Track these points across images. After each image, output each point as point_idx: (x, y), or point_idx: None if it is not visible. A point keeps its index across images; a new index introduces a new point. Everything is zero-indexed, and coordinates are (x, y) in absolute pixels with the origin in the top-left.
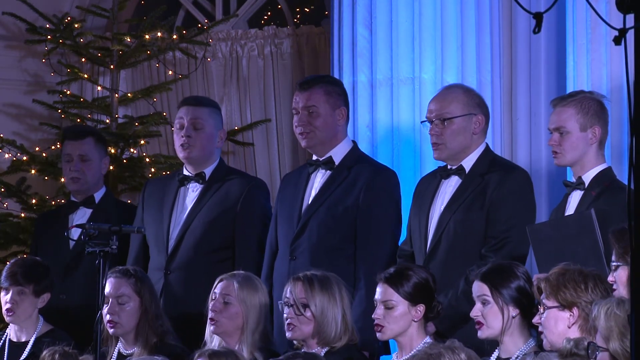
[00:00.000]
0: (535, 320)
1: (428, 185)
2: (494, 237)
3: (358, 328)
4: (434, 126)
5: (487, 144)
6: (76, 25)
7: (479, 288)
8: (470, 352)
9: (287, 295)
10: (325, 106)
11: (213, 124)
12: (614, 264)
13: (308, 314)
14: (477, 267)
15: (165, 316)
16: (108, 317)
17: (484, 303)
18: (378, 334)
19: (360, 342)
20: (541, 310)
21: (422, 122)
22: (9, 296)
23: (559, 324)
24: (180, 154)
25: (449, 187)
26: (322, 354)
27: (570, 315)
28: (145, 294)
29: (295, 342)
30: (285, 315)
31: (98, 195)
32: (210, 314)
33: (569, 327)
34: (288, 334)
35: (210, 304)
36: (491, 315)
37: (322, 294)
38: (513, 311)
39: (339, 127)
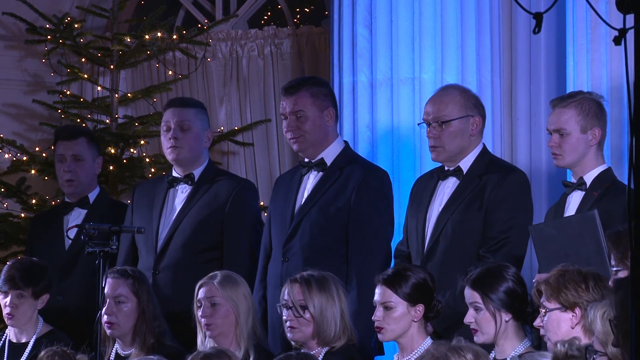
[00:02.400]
0: (536, 323)
1: (425, 186)
2: (492, 238)
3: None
4: (432, 129)
5: (484, 145)
6: (76, 25)
7: (471, 295)
8: (477, 350)
9: (285, 297)
10: (313, 109)
11: (200, 124)
12: (614, 269)
13: (307, 315)
14: (476, 268)
15: (163, 317)
16: (105, 317)
17: (477, 310)
18: (379, 336)
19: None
20: (542, 313)
21: (419, 124)
22: (8, 300)
23: (562, 326)
24: (169, 156)
25: (447, 188)
26: (322, 354)
27: (573, 315)
28: (143, 294)
29: (293, 343)
30: (284, 317)
31: (92, 196)
32: (202, 321)
33: (572, 328)
34: (289, 336)
35: (199, 312)
36: (484, 321)
37: (320, 295)
38: (505, 316)
39: (329, 128)
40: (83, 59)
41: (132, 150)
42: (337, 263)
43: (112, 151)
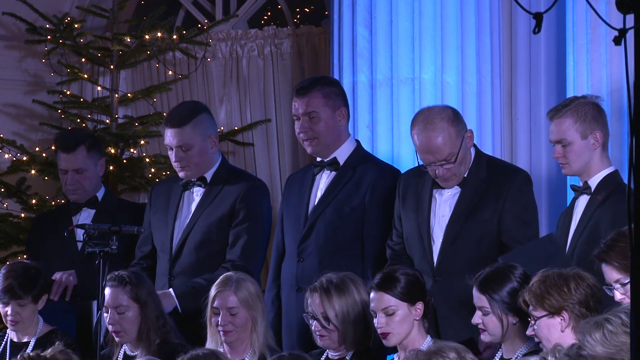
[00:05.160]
0: (528, 332)
1: (417, 187)
2: (518, 242)
3: None
4: (439, 168)
5: (476, 147)
6: (76, 26)
7: (478, 299)
8: (457, 347)
9: (309, 308)
10: (325, 109)
11: (200, 138)
12: (625, 281)
13: (331, 325)
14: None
15: (167, 314)
16: (110, 327)
17: (484, 313)
18: (384, 342)
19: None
20: (532, 322)
21: (421, 166)
22: (9, 309)
23: (552, 331)
24: (179, 175)
25: (448, 195)
26: (348, 357)
27: (561, 319)
28: (142, 297)
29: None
30: (312, 327)
31: (100, 195)
32: (220, 329)
33: (563, 332)
34: (320, 343)
35: (215, 319)
36: (491, 324)
37: (341, 300)
38: (512, 319)
39: (341, 127)
40: (83, 59)
41: (132, 150)
42: (353, 263)
43: (112, 151)
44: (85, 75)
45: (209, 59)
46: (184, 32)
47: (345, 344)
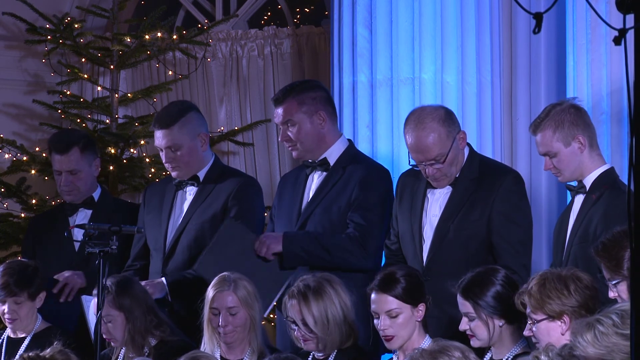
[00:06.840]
0: (526, 333)
1: (413, 187)
2: (508, 242)
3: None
4: (429, 167)
5: (470, 147)
6: (76, 26)
7: (462, 305)
8: (461, 347)
9: (289, 314)
10: (301, 116)
11: (188, 137)
12: (613, 282)
13: (311, 332)
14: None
15: (161, 312)
16: (103, 335)
17: (470, 319)
18: (387, 344)
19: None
20: (530, 323)
21: (412, 165)
22: (6, 307)
23: (552, 334)
24: (172, 174)
25: (440, 194)
26: (333, 356)
27: (562, 323)
28: (126, 304)
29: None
30: (295, 333)
31: (96, 195)
32: (220, 329)
33: (563, 334)
34: (304, 347)
35: (215, 320)
36: (478, 329)
37: (318, 304)
38: (499, 321)
39: (323, 130)
40: (83, 59)
41: (132, 150)
42: None
43: (112, 151)
44: (85, 75)
45: (209, 59)
46: (184, 32)
47: (327, 345)
